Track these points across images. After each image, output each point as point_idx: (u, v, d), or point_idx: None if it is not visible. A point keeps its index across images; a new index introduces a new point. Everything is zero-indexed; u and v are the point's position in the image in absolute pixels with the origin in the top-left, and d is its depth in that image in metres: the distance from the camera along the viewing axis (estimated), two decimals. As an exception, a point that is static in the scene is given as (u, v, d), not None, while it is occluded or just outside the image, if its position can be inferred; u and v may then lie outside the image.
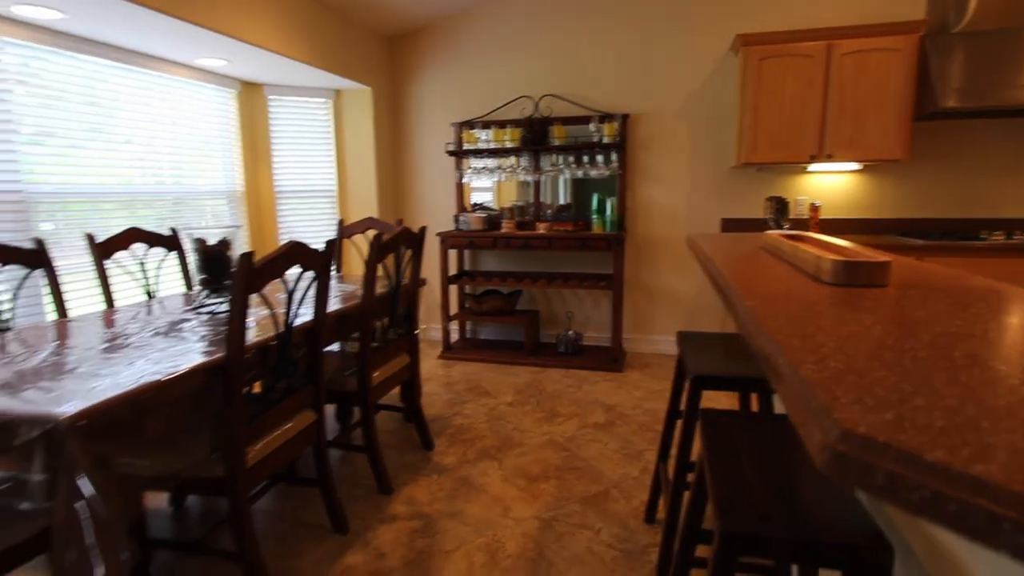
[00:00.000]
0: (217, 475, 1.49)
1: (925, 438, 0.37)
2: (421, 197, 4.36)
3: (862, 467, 0.37)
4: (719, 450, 1.06)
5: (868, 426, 0.39)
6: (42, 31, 2.46)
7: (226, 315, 1.89)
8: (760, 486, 0.93)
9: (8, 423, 1.11)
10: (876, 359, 0.54)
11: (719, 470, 0.98)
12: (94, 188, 2.75)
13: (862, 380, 0.48)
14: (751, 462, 1.02)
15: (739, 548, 0.82)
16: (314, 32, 3.32)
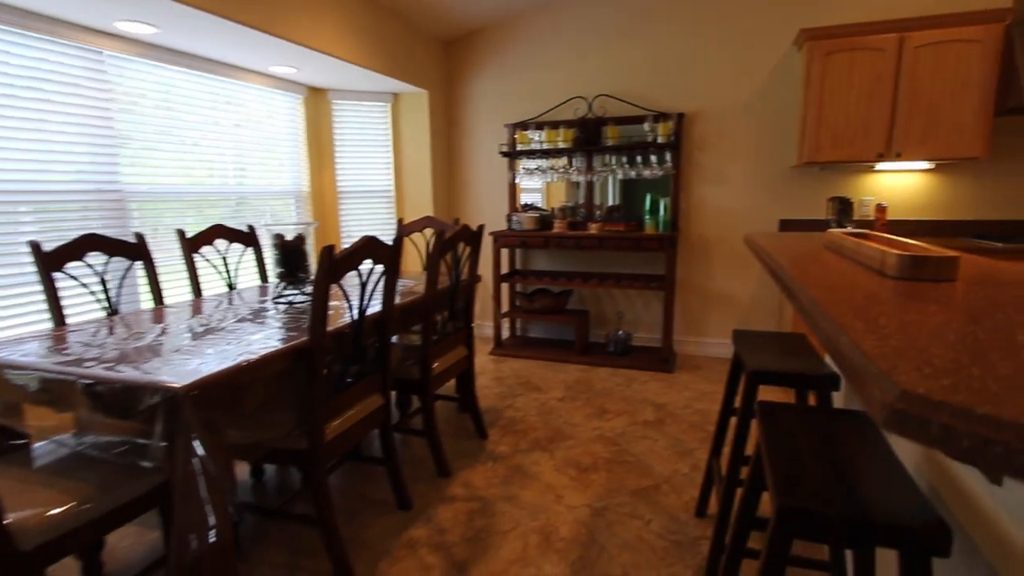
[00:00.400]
0: (300, 447, 1.63)
1: (977, 397, 0.42)
2: (474, 197, 4.48)
3: (919, 422, 0.42)
4: (776, 438, 1.10)
5: (926, 388, 0.44)
6: (138, 44, 2.72)
7: (302, 304, 2.06)
8: (818, 471, 0.97)
9: (134, 390, 1.28)
10: (936, 339, 0.59)
11: (777, 455, 1.03)
12: (169, 188, 3.00)
13: (921, 354, 0.53)
14: (809, 450, 1.05)
15: (795, 524, 0.86)
16: (376, 38, 3.49)
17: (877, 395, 0.46)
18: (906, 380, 0.46)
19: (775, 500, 0.89)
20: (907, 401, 0.44)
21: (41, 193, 2.36)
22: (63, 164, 2.44)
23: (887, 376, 0.47)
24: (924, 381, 0.46)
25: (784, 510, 0.87)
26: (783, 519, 0.87)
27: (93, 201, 2.57)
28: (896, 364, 0.50)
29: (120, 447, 1.53)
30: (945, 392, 0.44)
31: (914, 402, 0.43)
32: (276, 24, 2.70)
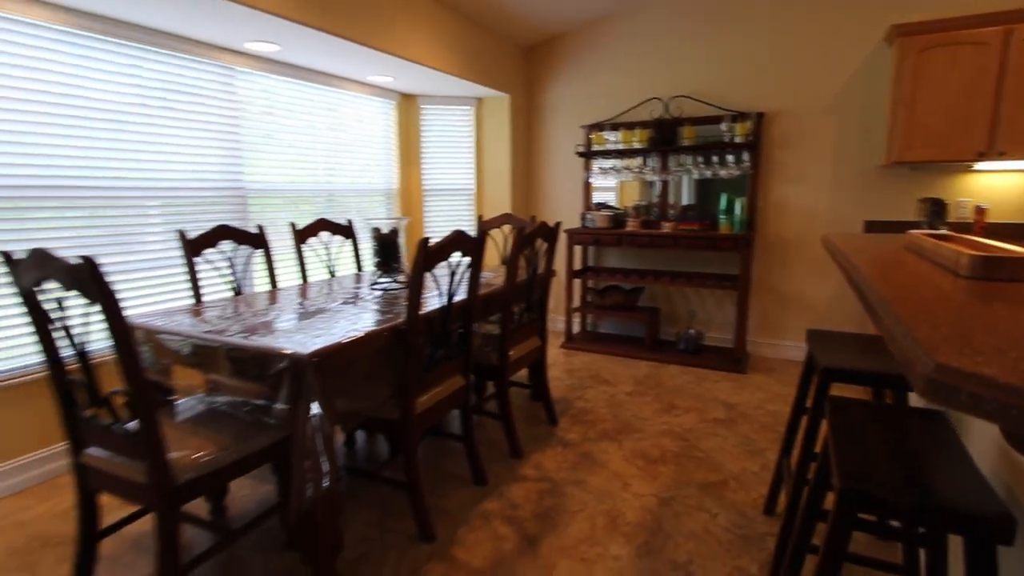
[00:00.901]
0: (392, 417, 1.83)
1: (1003, 372, 0.50)
2: (550, 196, 4.61)
3: (950, 390, 0.50)
4: (844, 430, 1.15)
5: (959, 363, 0.52)
6: (263, 61, 3.07)
7: (395, 291, 2.27)
8: (884, 460, 1.02)
9: (267, 356, 1.51)
10: (988, 330, 0.65)
11: (843, 445, 1.08)
12: (278, 186, 3.35)
13: (967, 341, 0.60)
14: (876, 442, 1.10)
15: (857, 504, 0.92)
16: (464, 47, 3.70)
17: (918, 370, 0.54)
18: (943, 357, 0.54)
19: (838, 483, 0.96)
20: (941, 372, 0.52)
21: (167, 190, 2.74)
22: (195, 165, 2.81)
23: (927, 353, 0.55)
24: (959, 359, 0.54)
25: (846, 492, 0.93)
26: (845, 501, 0.94)
27: (219, 196, 2.94)
28: (939, 346, 0.58)
29: (247, 407, 1.79)
30: (976, 366, 0.51)
31: (947, 373, 0.51)
32: (379, 39, 2.96)
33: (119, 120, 2.49)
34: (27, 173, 2.21)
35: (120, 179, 2.51)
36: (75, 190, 2.36)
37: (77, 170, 2.36)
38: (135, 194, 2.57)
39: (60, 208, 2.32)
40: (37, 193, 2.24)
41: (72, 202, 2.35)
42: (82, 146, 2.37)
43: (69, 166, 2.33)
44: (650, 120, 3.94)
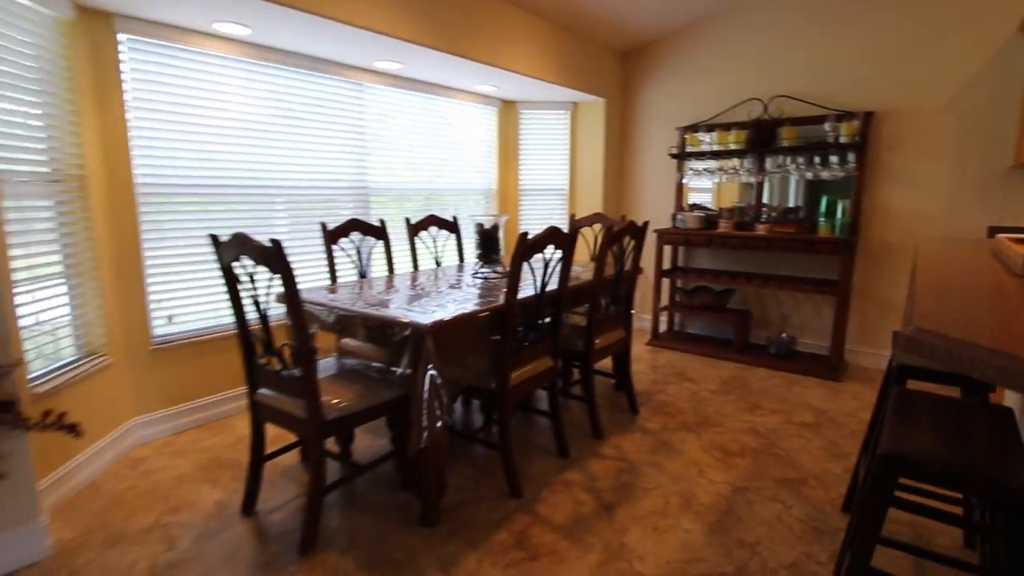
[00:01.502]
0: (489, 387, 2.13)
1: (964, 334, 0.65)
2: (641, 196, 4.72)
3: (918, 343, 0.67)
4: (901, 413, 1.25)
5: (933, 327, 0.68)
6: (387, 76, 3.52)
7: (494, 280, 2.57)
8: (931, 437, 1.12)
9: (393, 324, 1.86)
10: (991, 314, 0.78)
11: (895, 424, 1.19)
12: (391, 185, 3.79)
13: (956, 316, 0.75)
14: (929, 425, 1.19)
15: (893, 469, 1.05)
16: (563, 56, 3.94)
17: (904, 332, 0.71)
18: (922, 323, 0.70)
19: (879, 450, 1.09)
20: (917, 332, 0.68)
21: (308, 188, 3.25)
22: (330, 167, 3.31)
23: (913, 319, 0.71)
24: (935, 325, 0.69)
25: (884, 456, 1.06)
26: (881, 464, 1.07)
27: (347, 194, 3.43)
28: (927, 316, 0.73)
29: (373, 369, 2.17)
30: (946, 329, 0.67)
31: (921, 332, 0.68)
32: (487, 54, 3.29)
33: (273, 131, 3.02)
34: (208, 175, 2.78)
35: (272, 180, 3.04)
36: (240, 188, 2.91)
37: (242, 172, 2.91)
38: (283, 192, 3.10)
39: (230, 202, 2.87)
40: (214, 191, 2.81)
41: (237, 198, 2.90)
42: (246, 153, 2.92)
43: (236, 169, 2.88)
44: (748, 121, 3.94)
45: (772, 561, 1.81)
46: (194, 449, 2.54)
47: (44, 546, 1.78)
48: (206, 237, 2.79)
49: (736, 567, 1.78)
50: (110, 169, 2.45)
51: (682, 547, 1.88)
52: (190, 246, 2.74)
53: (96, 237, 2.39)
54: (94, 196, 2.38)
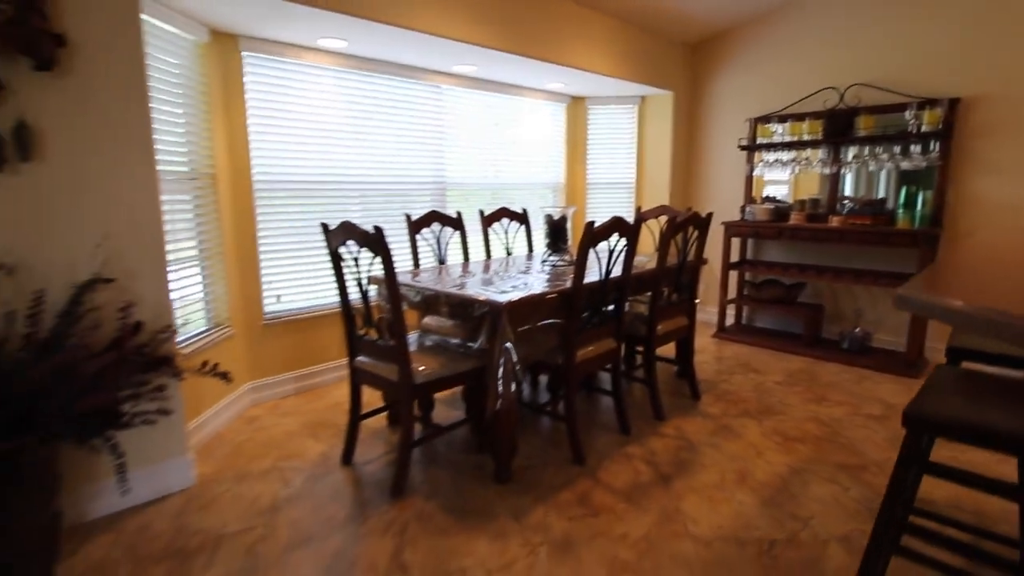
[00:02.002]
0: (557, 363, 2.33)
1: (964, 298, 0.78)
2: (709, 188, 4.74)
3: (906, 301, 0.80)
4: (938, 386, 1.33)
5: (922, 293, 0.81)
6: (464, 79, 3.79)
7: (561, 267, 2.76)
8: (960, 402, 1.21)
9: (472, 302, 2.11)
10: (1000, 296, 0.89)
11: (925, 392, 1.28)
12: (464, 180, 4.06)
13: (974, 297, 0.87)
14: (964, 394, 1.27)
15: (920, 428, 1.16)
16: (630, 51, 4.05)
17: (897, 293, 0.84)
18: (914, 292, 0.83)
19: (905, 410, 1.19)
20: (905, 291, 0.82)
21: (392, 183, 3.58)
22: (412, 164, 3.63)
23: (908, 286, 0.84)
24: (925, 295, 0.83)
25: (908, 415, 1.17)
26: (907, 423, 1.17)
27: (427, 188, 3.74)
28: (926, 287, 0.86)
29: (452, 344, 2.43)
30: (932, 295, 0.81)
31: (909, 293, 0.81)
32: (557, 54, 3.47)
33: (364, 131, 3.36)
34: (309, 172, 3.16)
35: (363, 176, 3.39)
36: (336, 183, 3.27)
37: (337, 169, 3.27)
38: (372, 186, 3.44)
39: (328, 196, 3.24)
40: (315, 186, 3.18)
41: (333, 192, 3.27)
42: (341, 152, 3.28)
43: (333, 167, 3.25)
44: (822, 111, 3.88)
45: (824, 533, 1.90)
46: (298, 411, 2.93)
47: (190, 476, 2.19)
48: (309, 227, 3.18)
49: (787, 535, 1.88)
50: (234, 168, 2.87)
51: (735, 516, 2.00)
52: (295, 235, 3.14)
53: (222, 227, 2.81)
54: (221, 191, 2.80)
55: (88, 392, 1.54)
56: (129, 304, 1.91)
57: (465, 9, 2.97)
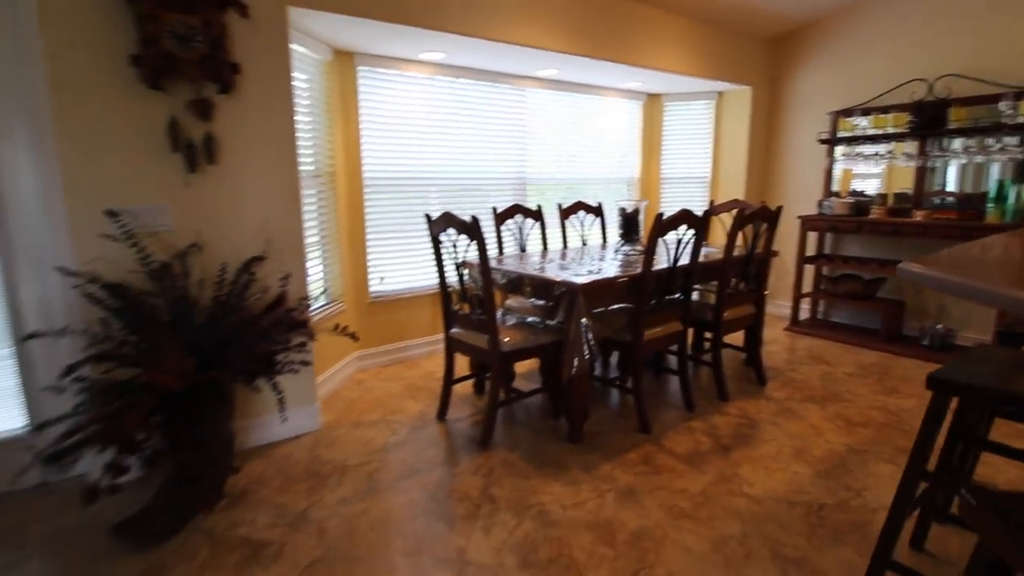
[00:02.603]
0: (626, 340, 2.60)
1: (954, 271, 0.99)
2: (786, 182, 4.75)
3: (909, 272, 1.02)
4: (971, 362, 1.48)
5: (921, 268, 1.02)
6: (545, 82, 4.09)
7: (633, 256, 3.01)
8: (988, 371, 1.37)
9: (551, 283, 2.42)
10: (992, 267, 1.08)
11: (957, 363, 1.44)
12: (542, 175, 4.35)
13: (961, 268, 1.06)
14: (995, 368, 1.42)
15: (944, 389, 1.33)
16: (707, 49, 4.17)
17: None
18: (911, 265, 1.04)
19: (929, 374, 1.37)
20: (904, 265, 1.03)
21: (481, 179, 3.94)
22: (498, 161, 3.98)
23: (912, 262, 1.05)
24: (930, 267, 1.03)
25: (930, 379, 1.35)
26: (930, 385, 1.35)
27: (510, 184, 4.09)
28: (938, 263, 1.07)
29: (531, 321, 2.76)
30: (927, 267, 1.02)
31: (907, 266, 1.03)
32: (634, 56, 3.69)
33: (455, 132, 3.75)
34: (409, 170, 3.59)
35: (453, 172, 3.79)
36: (431, 179, 3.69)
37: (432, 166, 3.69)
38: (461, 181, 3.84)
39: (424, 191, 3.67)
40: (413, 182, 3.62)
41: (429, 187, 3.69)
42: (436, 151, 3.69)
43: (429, 164, 3.67)
44: (908, 103, 3.82)
45: (874, 503, 2.05)
46: (397, 377, 3.39)
47: (318, 421, 2.67)
48: (407, 218, 3.62)
49: (837, 502, 2.05)
50: (348, 167, 3.35)
51: (789, 483, 2.19)
52: (396, 225, 3.59)
53: (338, 217, 3.30)
54: (338, 187, 3.29)
55: (259, 342, 2.01)
56: (287, 275, 2.40)
57: (549, 21, 3.27)
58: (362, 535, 1.87)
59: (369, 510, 2.01)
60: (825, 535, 1.87)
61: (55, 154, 1.98)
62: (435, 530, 1.89)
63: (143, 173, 2.13)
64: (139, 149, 2.11)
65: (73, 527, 1.92)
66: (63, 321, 2.04)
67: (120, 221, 2.05)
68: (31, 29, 1.90)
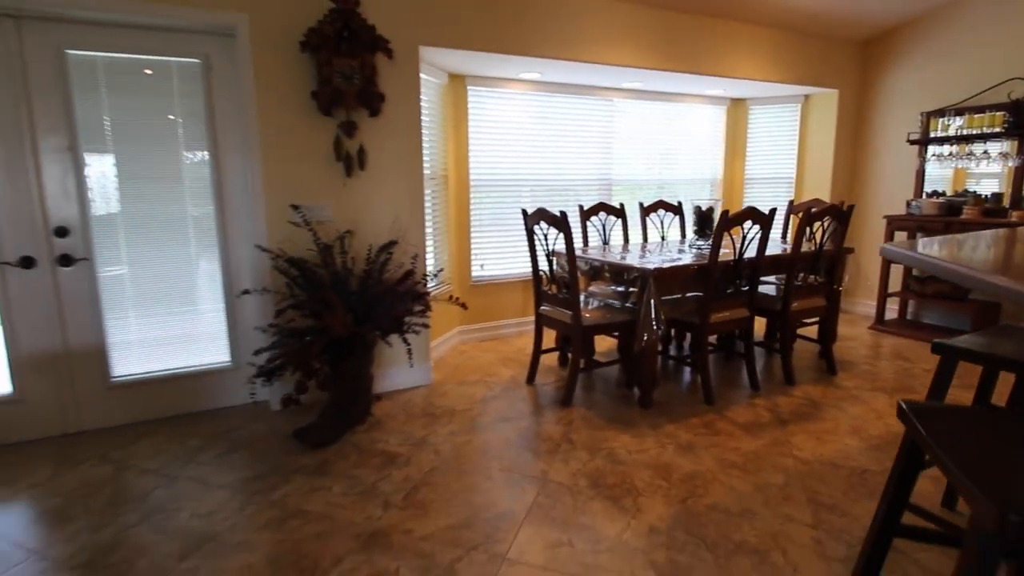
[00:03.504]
0: (694, 322, 2.95)
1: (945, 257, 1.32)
2: (873, 182, 4.75)
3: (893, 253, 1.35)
4: (985, 332, 1.73)
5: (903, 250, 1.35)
6: (631, 92, 4.48)
7: (707, 250, 3.34)
8: (980, 342, 1.62)
9: (628, 269, 2.84)
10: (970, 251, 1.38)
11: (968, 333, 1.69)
12: (626, 177, 4.72)
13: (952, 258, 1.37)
14: (993, 338, 1.66)
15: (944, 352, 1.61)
16: (793, 56, 4.34)
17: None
18: (894, 245, 1.37)
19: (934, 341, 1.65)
20: (887, 245, 1.37)
21: (571, 180, 4.41)
22: (586, 164, 4.43)
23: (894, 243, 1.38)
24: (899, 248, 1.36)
25: (936, 344, 1.63)
26: (935, 350, 1.63)
27: (596, 185, 4.52)
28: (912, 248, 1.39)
29: (609, 302, 3.18)
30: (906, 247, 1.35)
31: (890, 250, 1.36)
32: (716, 67, 3.99)
33: (548, 139, 4.25)
34: (507, 173, 4.14)
35: (545, 174, 4.29)
36: (526, 181, 4.22)
37: (528, 169, 4.21)
38: (552, 182, 4.33)
39: (520, 190, 4.21)
40: (510, 183, 4.16)
41: (524, 187, 4.22)
42: (531, 156, 4.21)
43: (525, 168, 4.19)
44: (1006, 103, 3.77)
45: (917, 471, 2.26)
46: (492, 350, 3.95)
47: (430, 377, 3.28)
48: (505, 214, 4.17)
49: (882, 469, 2.29)
50: (458, 171, 3.96)
51: (838, 451, 2.45)
52: (496, 220, 4.15)
53: (448, 212, 3.92)
54: (449, 188, 3.91)
55: (395, 306, 2.63)
56: (415, 255, 3.03)
57: (635, 41, 3.67)
58: (467, 456, 2.42)
59: (472, 441, 2.56)
60: (863, 492, 2.14)
61: (259, 162, 2.73)
62: (524, 457, 2.40)
63: (315, 176, 2.84)
64: (313, 158, 2.82)
65: (264, 433, 2.64)
66: (259, 285, 2.79)
67: (300, 212, 2.77)
68: (248, 78, 2.65)
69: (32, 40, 2.43)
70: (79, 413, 2.69)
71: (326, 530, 1.90)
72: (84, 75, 2.52)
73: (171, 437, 2.62)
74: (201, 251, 2.82)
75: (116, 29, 2.54)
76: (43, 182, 2.51)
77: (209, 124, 2.73)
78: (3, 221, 2.47)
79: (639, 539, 1.84)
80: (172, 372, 2.83)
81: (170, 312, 2.81)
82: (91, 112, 2.55)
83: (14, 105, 2.41)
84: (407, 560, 1.75)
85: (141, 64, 2.61)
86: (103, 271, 2.66)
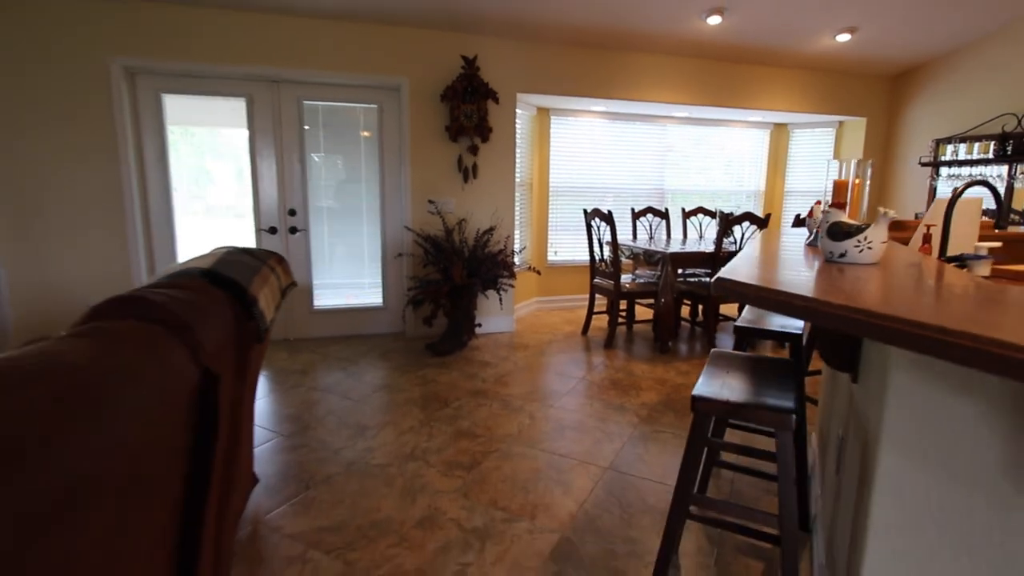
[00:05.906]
0: (705, 293, 4.05)
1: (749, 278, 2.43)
2: (895, 197, 5.50)
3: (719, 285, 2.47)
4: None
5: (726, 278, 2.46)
6: (681, 119, 5.59)
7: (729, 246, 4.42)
8: (860, 297, 2.66)
9: (655, 253, 4.01)
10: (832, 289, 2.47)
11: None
12: (677, 188, 5.80)
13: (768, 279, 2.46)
14: (872, 296, 2.69)
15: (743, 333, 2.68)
16: (822, 92, 5.24)
17: (774, 231, 2.49)
18: (727, 284, 2.48)
19: (828, 296, 2.72)
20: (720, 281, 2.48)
21: (625, 188, 5.58)
22: (642, 177, 5.59)
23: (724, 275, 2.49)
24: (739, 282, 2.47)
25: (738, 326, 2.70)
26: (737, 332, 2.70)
27: (650, 193, 5.66)
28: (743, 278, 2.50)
29: (649, 280, 4.34)
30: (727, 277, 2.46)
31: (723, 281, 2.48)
32: (754, 102, 5.01)
33: (612, 156, 5.46)
34: (579, 181, 5.40)
35: (608, 184, 5.50)
36: (593, 188, 5.45)
37: (595, 179, 5.44)
38: (614, 190, 5.53)
39: (587, 195, 5.45)
40: (580, 190, 5.42)
41: (591, 193, 5.46)
42: (597, 169, 5.44)
43: (592, 178, 5.43)
44: (998, 133, 4.49)
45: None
46: (559, 316, 5.22)
47: (512, 327, 4.62)
48: (575, 213, 5.43)
49: (818, 393, 3.31)
50: (540, 179, 5.28)
51: (793, 383, 3.48)
52: (567, 217, 5.42)
53: (532, 210, 5.24)
54: (533, 192, 5.23)
55: (493, 269, 3.98)
56: (508, 235, 4.40)
57: (685, 84, 4.80)
58: (536, 365, 3.71)
59: (539, 359, 3.85)
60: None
61: (409, 171, 4.19)
62: (570, 369, 3.65)
63: (444, 181, 4.26)
64: (443, 170, 4.24)
65: (403, 347, 4.09)
66: (405, 252, 4.26)
67: (434, 205, 4.20)
68: (405, 117, 4.12)
69: (284, 95, 4.03)
70: (294, 328, 4.29)
71: (449, 388, 3.27)
72: (311, 115, 4.10)
73: (348, 345, 4.14)
74: (370, 229, 4.34)
75: (329, 87, 4.10)
76: (284, 180, 4.11)
77: (379, 146, 4.23)
78: (262, 204, 4.09)
79: (634, 407, 3.04)
80: (348, 307, 4.37)
81: (349, 268, 4.35)
82: (312, 137, 4.13)
83: (273, 132, 4.03)
84: (496, 401, 3.07)
85: (344, 109, 4.16)
86: (313, 239, 4.24)
